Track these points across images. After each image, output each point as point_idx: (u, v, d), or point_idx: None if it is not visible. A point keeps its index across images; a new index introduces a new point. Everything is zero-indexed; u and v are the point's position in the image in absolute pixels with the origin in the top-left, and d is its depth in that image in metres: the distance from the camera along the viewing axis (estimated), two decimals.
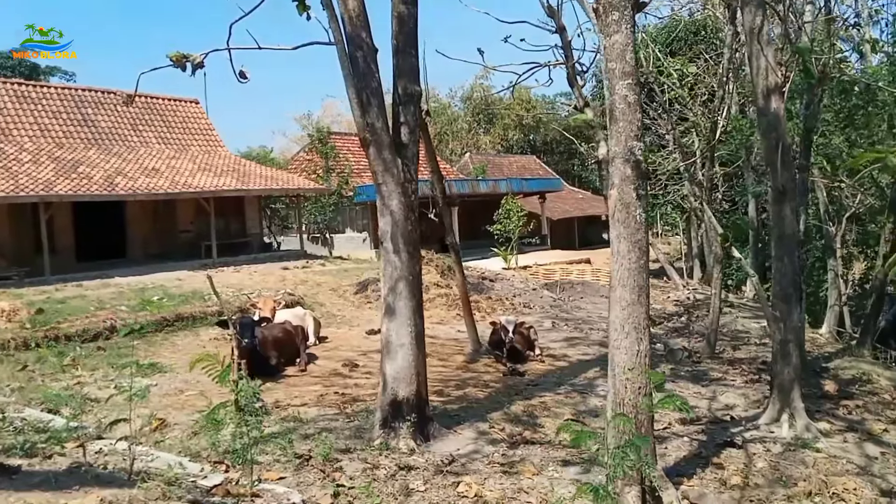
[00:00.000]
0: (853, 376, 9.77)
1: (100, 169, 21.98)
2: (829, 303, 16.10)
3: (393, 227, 7.03)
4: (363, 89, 6.89)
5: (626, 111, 5.40)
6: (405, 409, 7.00)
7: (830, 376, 9.75)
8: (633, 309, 5.49)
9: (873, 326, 11.61)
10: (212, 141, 29.04)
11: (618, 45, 5.39)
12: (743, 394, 8.95)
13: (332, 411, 8.10)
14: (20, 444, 5.49)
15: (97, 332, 12.19)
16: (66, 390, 9.03)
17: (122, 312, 13.64)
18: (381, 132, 6.95)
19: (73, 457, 5.59)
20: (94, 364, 10.72)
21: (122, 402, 8.58)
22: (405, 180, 7.07)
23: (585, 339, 13.03)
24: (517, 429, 7.63)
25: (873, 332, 11.57)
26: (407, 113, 7.19)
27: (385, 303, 7.15)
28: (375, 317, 16.42)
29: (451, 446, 7.02)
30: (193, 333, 13.52)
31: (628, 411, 5.49)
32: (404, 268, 7.06)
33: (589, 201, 46.74)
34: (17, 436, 5.84)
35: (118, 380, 9.77)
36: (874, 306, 11.56)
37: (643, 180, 5.49)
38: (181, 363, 11.13)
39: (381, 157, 6.97)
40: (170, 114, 28.33)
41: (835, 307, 15.97)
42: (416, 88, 7.26)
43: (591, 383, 9.84)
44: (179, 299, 15.73)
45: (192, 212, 24.96)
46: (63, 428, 5.44)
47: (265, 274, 21.13)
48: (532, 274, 27.34)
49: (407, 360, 7.05)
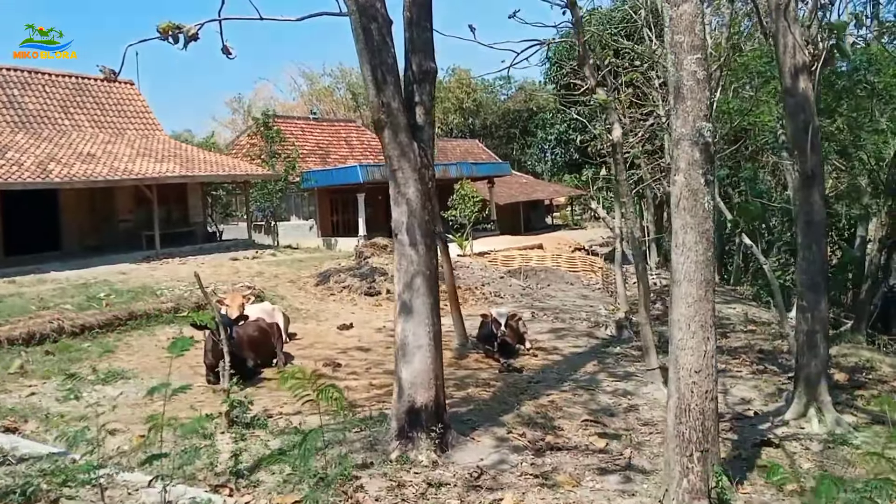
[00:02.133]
0: (856, 364, 9.65)
1: (30, 154, 20.29)
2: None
3: (409, 217, 6.35)
4: (378, 65, 6.16)
5: (695, 88, 4.87)
6: (424, 417, 6.36)
7: (833, 364, 9.60)
8: (699, 306, 5.00)
9: (868, 311, 11.58)
10: (149, 124, 27.40)
11: (686, 16, 4.85)
12: (755, 386, 8.67)
13: (333, 420, 7.35)
14: (19, 488, 4.55)
15: (43, 334, 11.00)
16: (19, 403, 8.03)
17: (68, 312, 12.43)
18: (398, 113, 6.24)
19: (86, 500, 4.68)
20: (44, 371, 9.62)
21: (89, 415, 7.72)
22: (422, 165, 6.39)
23: (572, 330, 12.63)
24: (537, 433, 7.09)
25: (868, 318, 11.55)
26: (422, 92, 6.50)
27: (400, 301, 6.47)
28: (342, 310, 15.67)
29: (474, 456, 6.42)
30: (149, 333, 12.46)
31: (694, 417, 5.01)
32: (422, 262, 6.39)
33: (532, 186, 46.61)
34: (10, 476, 4.89)
35: (77, 389, 8.79)
36: (869, 291, 11.54)
37: (711, 164, 4.98)
38: (142, 367, 10.18)
39: (398, 140, 6.26)
40: (103, 95, 26.53)
41: None
42: (431, 65, 6.56)
43: (593, 378, 9.40)
44: (128, 295, 14.57)
45: (131, 200, 23.46)
46: (83, 468, 4.43)
47: (215, 265, 20.01)
48: (491, 261, 26.91)
49: (425, 364, 6.41)
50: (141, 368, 10.00)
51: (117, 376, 9.45)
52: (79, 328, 11.33)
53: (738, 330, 12.59)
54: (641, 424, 7.41)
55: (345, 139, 38.08)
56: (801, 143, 7.20)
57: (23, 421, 7.22)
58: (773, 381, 8.72)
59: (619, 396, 8.47)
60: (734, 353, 10.56)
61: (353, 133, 39.43)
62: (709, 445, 5.03)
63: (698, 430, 4.99)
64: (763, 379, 9.04)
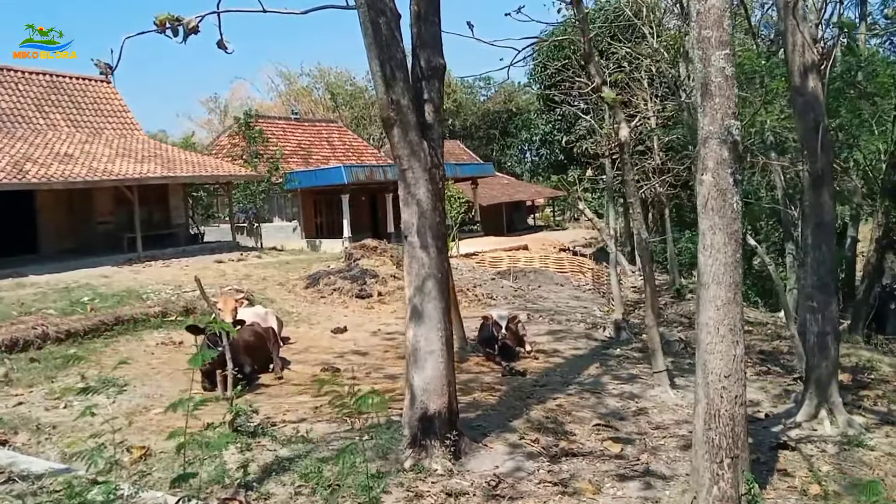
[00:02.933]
0: (857, 364, 9.64)
1: (5, 154, 19.70)
2: (788, 286, 16.25)
3: (420, 218, 6.16)
4: (387, 61, 5.97)
5: (724, 85, 4.75)
6: (437, 424, 6.18)
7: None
8: (728, 308, 4.87)
9: (865, 312, 11.61)
10: (127, 124, 26.81)
11: (714, 11, 4.73)
12: (761, 387, 8.61)
13: (340, 428, 7.14)
14: None
15: (27, 340, 10.62)
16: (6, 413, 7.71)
17: (51, 317, 12.05)
18: (408, 111, 6.05)
19: None
20: (30, 379, 9.28)
21: (80, 424, 7.43)
22: (432, 165, 6.22)
23: (570, 332, 12.52)
24: (549, 439, 6.94)
25: (865, 318, 11.58)
26: (431, 89, 6.32)
27: (411, 305, 6.28)
28: (333, 313, 15.42)
29: (488, 464, 6.26)
30: (137, 338, 12.11)
31: (724, 423, 4.89)
32: (433, 265, 6.21)
33: (514, 186, 46.62)
34: (18, 497, 4.61)
35: (66, 398, 8.48)
36: (866, 292, 11.57)
37: (739, 163, 4.86)
38: (132, 374, 9.85)
39: (408, 139, 6.08)
40: (79, 94, 25.90)
41: (793, 290, 16.13)
42: (440, 61, 6.38)
43: (597, 381, 9.29)
44: (113, 300, 14.20)
45: (110, 201, 22.91)
46: (104, 489, 4.11)
47: (200, 268, 19.61)
48: (479, 262, 26.79)
49: (438, 370, 6.22)
50: (132, 375, 9.68)
51: (108, 384, 9.11)
52: (64, 334, 10.97)
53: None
54: (653, 428, 7.29)
55: (326, 139, 37.72)
56: (811, 142, 7.14)
57: (13, 433, 6.92)
58: (778, 383, 8.68)
59: (626, 399, 8.36)
60: None
61: (334, 133, 39.07)
62: (739, 451, 4.92)
63: (728, 436, 4.87)
64: (768, 380, 8.98)
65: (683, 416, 7.65)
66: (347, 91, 60.32)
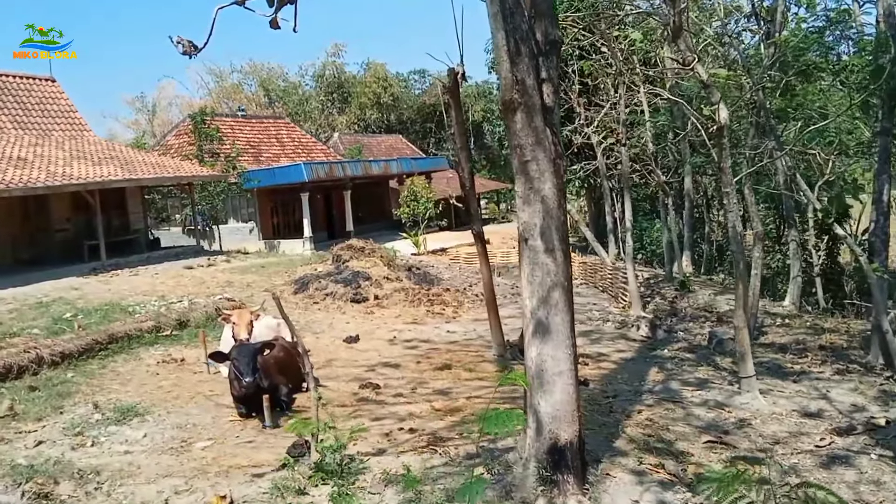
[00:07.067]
0: None
1: None
2: (792, 274, 16.03)
3: (545, 218, 5.31)
4: (511, 32, 5.11)
5: None
6: (570, 456, 5.35)
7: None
8: None
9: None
10: (76, 125, 24.97)
11: None
12: (853, 388, 8.07)
13: (433, 458, 6.24)
14: None
15: (21, 366, 9.25)
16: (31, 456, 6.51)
17: (40, 339, 10.66)
18: (533, 91, 5.20)
19: None
20: (37, 412, 7.99)
21: (125, 467, 6.33)
22: (556, 155, 5.37)
23: (602, 333, 11.88)
24: (668, 461, 6.22)
25: None
26: (549, 66, 5.43)
27: (534, 319, 5.42)
28: (333, 320, 14.37)
29: (623, 498, 5.47)
30: (134, 357, 10.86)
31: None
32: (560, 272, 5.37)
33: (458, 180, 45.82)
34: None
35: (88, 432, 7.32)
36: None
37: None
38: (147, 399, 8.70)
39: (532, 125, 5.22)
40: (24, 94, 23.97)
41: (797, 279, 15.94)
42: (557, 33, 5.55)
43: (667, 388, 8.63)
44: (97, 315, 12.83)
45: (67, 208, 21.20)
46: None
47: (174, 276, 18.28)
48: (452, 259, 26.04)
49: (567, 393, 5.40)
50: (148, 402, 8.52)
51: (129, 412, 7.97)
52: (58, 356, 9.67)
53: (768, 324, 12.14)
54: (773, 443, 6.64)
55: (275, 136, 36.21)
56: None
57: (52, 482, 5.74)
58: (869, 382, 8.17)
59: (715, 409, 7.70)
60: (788, 349, 10.03)
61: (282, 130, 37.58)
62: None
63: None
64: (851, 378, 8.48)
65: (793, 426, 7.04)
66: (280, 87, 58.65)
